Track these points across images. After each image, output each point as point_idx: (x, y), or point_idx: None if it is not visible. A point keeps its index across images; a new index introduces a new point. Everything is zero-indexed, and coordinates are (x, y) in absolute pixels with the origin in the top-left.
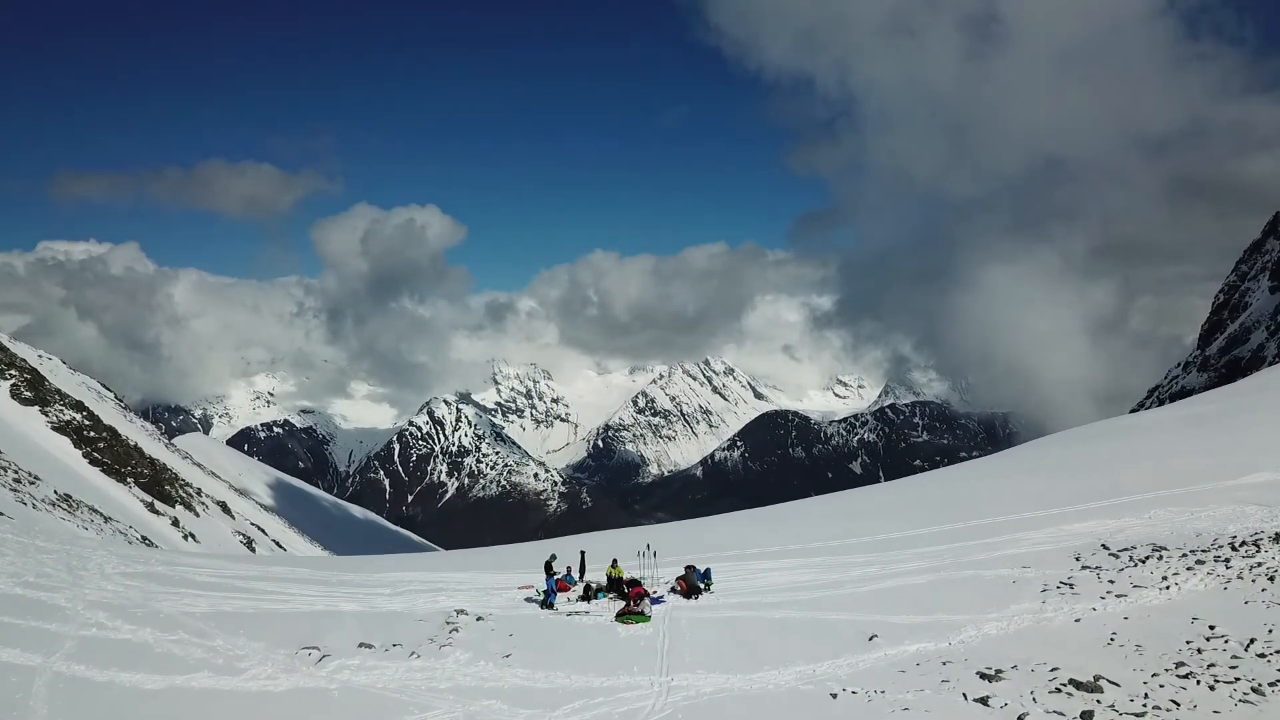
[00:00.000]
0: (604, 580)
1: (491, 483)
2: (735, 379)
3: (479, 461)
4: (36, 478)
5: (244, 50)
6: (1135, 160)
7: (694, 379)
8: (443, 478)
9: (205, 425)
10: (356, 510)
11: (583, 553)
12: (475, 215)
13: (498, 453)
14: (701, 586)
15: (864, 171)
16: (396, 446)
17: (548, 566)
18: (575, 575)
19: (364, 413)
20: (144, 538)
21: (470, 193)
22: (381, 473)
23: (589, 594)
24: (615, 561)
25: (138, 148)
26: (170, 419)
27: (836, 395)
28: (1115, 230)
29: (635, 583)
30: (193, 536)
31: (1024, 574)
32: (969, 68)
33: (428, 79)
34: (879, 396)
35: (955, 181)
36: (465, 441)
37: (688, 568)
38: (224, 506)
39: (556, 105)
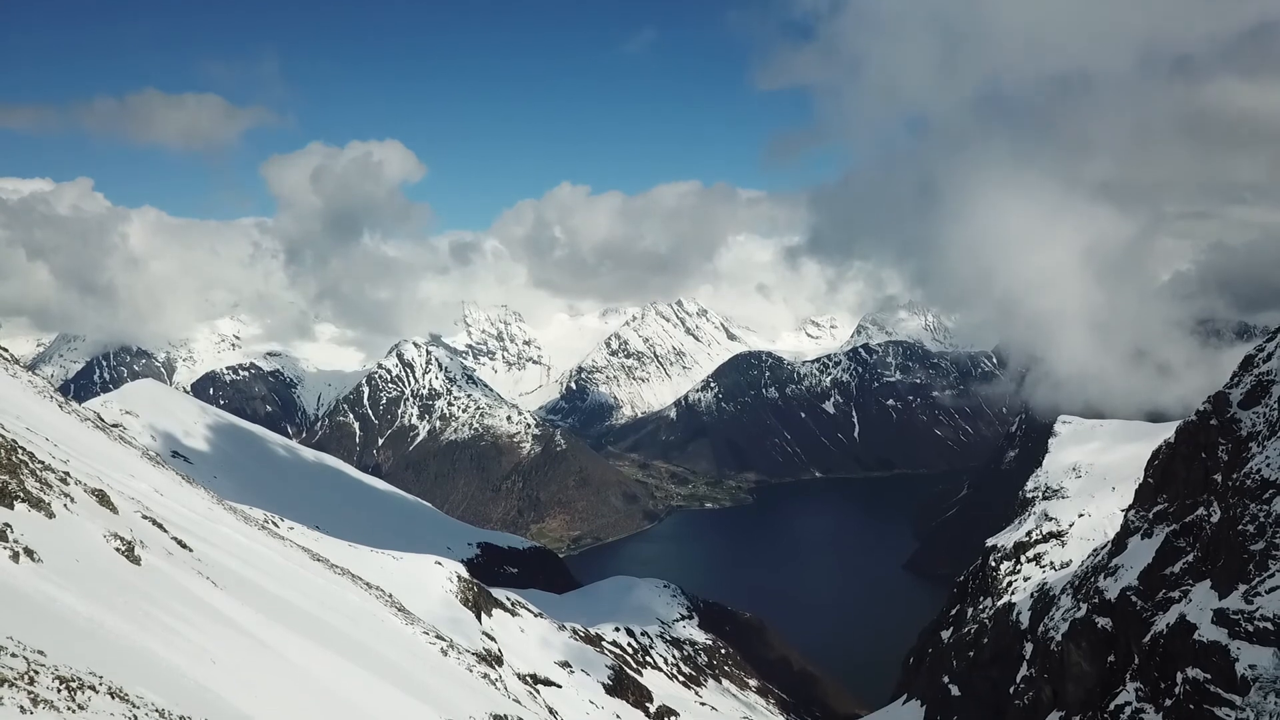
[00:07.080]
0: None
1: (464, 425)
2: (708, 320)
3: (450, 404)
4: None
5: None
6: (1149, 82)
7: (667, 320)
8: (413, 421)
9: (169, 369)
10: (309, 454)
11: None
12: (436, 150)
13: (469, 395)
14: None
15: (845, 84)
16: (365, 390)
17: None
18: None
19: (331, 356)
20: None
21: (430, 125)
22: (351, 416)
23: None
24: None
25: (66, 77)
26: (133, 363)
27: (809, 335)
28: (1121, 159)
29: None
30: (30, 553)
31: None
32: None
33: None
34: (851, 336)
35: (948, 96)
36: (436, 384)
37: None
38: (101, 497)
39: (518, 31)
